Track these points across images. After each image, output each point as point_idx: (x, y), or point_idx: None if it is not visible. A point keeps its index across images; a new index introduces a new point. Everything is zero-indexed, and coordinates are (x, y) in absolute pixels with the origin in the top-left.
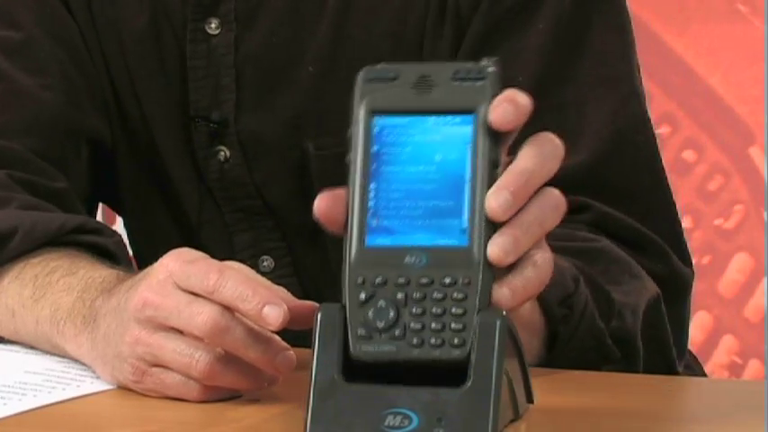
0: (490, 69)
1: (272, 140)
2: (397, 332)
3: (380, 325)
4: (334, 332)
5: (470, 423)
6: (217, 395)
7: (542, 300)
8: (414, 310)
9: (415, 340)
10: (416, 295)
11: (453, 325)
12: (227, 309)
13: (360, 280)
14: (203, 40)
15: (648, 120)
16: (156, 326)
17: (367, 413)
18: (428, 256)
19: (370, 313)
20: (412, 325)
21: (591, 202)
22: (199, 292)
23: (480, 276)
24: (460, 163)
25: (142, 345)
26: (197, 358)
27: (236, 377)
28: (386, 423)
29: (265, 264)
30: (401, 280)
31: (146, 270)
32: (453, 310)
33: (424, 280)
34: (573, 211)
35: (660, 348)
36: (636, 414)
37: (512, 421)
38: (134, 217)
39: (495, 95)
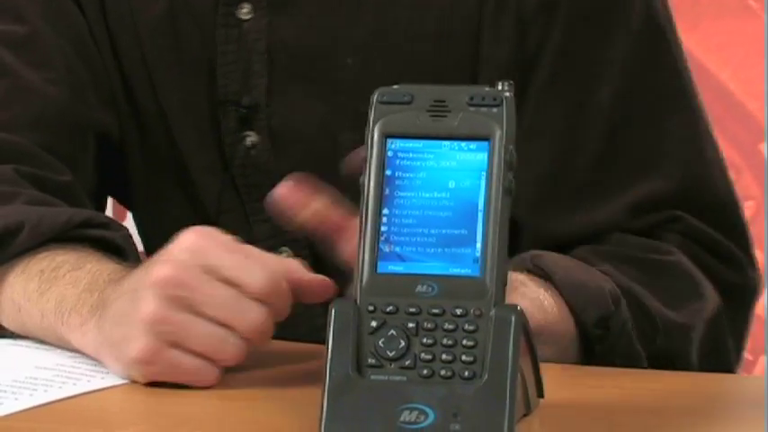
0: (506, 95)
1: (303, 130)
2: (407, 362)
3: (391, 354)
4: (348, 328)
5: (486, 418)
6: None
7: (578, 318)
8: (424, 340)
9: (425, 371)
10: (427, 325)
11: (464, 357)
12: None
13: (371, 307)
14: (234, 26)
15: (713, 132)
16: (182, 306)
17: (382, 409)
18: (440, 286)
19: (381, 342)
20: (422, 355)
21: (682, 215)
22: (237, 286)
23: (492, 309)
24: (474, 191)
25: (164, 323)
26: (232, 343)
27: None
28: (402, 419)
29: (283, 255)
30: (412, 309)
31: (165, 249)
32: (464, 341)
33: (436, 310)
34: (666, 220)
35: (721, 359)
36: (646, 409)
37: (524, 416)
38: (146, 210)
39: (510, 122)
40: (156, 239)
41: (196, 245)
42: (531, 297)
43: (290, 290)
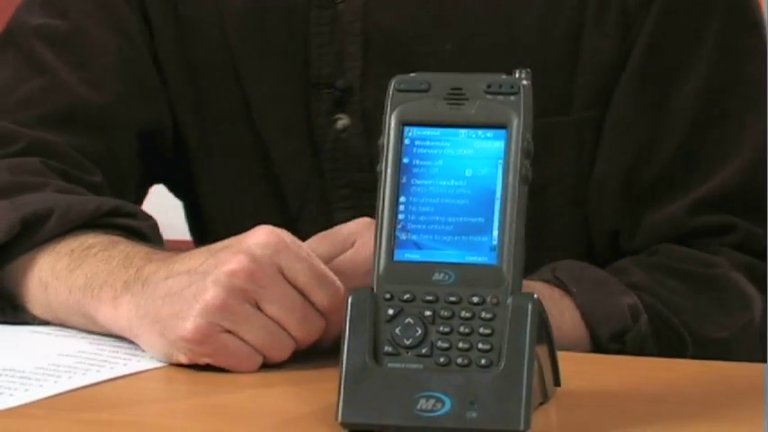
0: (524, 83)
1: None
2: (424, 350)
3: (407, 342)
4: (365, 316)
5: (503, 406)
6: None
7: (593, 332)
8: (441, 328)
9: (442, 359)
10: (444, 313)
11: (481, 345)
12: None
13: (387, 295)
14: (329, 7)
15: None
16: (246, 299)
17: (399, 397)
18: (457, 274)
19: (398, 330)
20: (439, 343)
21: (737, 223)
22: (306, 294)
23: (509, 297)
24: (491, 179)
25: (225, 311)
26: (284, 342)
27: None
28: (418, 406)
29: None
30: (429, 297)
31: (237, 239)
32: (481, 329)
33: (453, 298)
34: (720, 232)
35: None
36: (663, 397)
37: (540, 404)
38: (213, 204)
39: (528, 110)
40: (225, 232)
41: (272, 243)
42: None
43: None
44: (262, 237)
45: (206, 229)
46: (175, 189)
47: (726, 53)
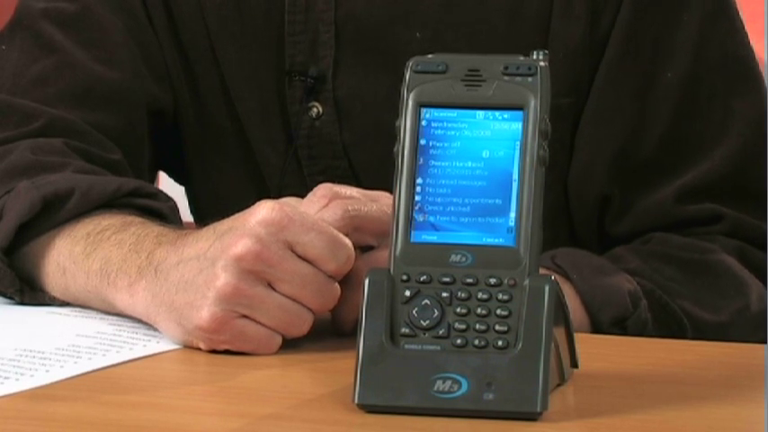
0: (541, 64)
1: (368, 101)
2: (441, 331)
3: (424, 323)
4: (382, 297)
5: (520, 388)
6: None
7: (593, 318)
8: (458, 309)
9: (459, 340)
10: (461, 294)
11: (498, 327)
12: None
13: (404, 276)
14: None
15: None
16: (259, 280)
17: (416, 378)
18: (474, 255)
19: (415, 311)
20: (456, 325)
21: (724, 212)
22: (315, 263)
23: (526, 278)
24: (508, 160)
25: (239, 296)
26: (303, 318)
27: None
28: (435, 388)
29: None
30: (446, 278)
31: (241, 219)
32: (498, 311)
33: (470, 279)
34: (707, 221)
35: None
36: (680, 379)
37: (557, 386)
38: (202, 184)
39: (545, 91)
40: (212, 215)
41: (275, 220)
42: None
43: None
44: (260, 213)
45: (200, 212)
46: (172, 173)
47: (707, 38)
